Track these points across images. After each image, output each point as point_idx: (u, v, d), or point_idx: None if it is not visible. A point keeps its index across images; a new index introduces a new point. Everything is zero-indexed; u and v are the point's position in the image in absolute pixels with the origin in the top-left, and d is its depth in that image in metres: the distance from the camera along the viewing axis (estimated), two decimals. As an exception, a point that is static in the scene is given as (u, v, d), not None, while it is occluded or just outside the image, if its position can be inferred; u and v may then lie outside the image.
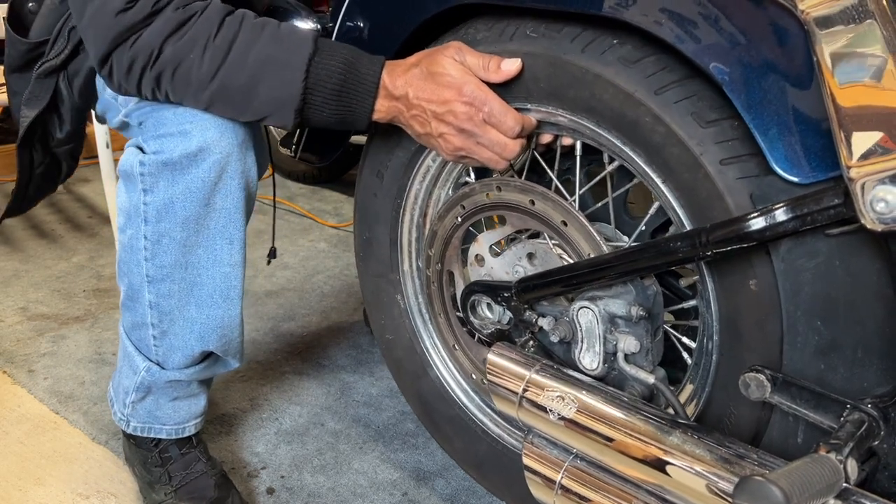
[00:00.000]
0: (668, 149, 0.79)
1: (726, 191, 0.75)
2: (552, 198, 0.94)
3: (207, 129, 0.98)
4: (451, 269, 1.14)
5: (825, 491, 0.62)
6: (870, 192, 0.60)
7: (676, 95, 0.78)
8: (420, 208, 1.16)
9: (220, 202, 1.04)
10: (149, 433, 1.24)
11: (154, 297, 1.10)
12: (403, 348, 1.25)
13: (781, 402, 0.75)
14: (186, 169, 1.00)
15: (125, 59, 0.94)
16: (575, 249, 0.95)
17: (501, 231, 1.05)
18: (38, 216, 2.68)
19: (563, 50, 0.86)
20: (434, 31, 1.03)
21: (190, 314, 1.11)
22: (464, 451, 1.22)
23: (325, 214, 2.71)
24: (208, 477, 1.23)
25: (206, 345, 1.14)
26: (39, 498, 1.29)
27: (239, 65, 0.93)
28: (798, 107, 0.68)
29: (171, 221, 1.04)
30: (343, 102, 0.95)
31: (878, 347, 0.70)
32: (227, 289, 1.10)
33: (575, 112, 0.88)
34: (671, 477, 0.77)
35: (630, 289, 0.89)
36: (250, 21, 0.95)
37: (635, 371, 0.91)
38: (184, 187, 1.01)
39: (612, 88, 0.82)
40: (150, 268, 1.08)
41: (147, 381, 1.18)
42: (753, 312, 0.77)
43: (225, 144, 1.00)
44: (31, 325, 1.89)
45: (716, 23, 0.72)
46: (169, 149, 0.99)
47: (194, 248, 1.06)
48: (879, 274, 0.68)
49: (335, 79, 0.93)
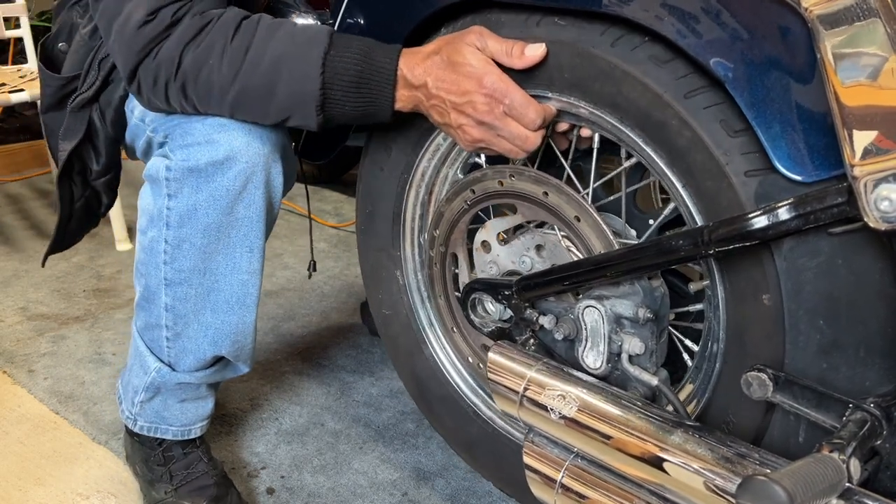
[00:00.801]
0: (692, 154, 0.78)
1: (748, 203, 0.74)
2: (566, 191, 0.93)
3: (235, 139, 0.99)
4: (455, 252, 1.14)
5: (828, 490, 0.62)
6: (873, 190, 0.60)
7: (706, 101, 0.76)
8: (426, 186, 1.15)
9: (244, 211, 1.04)
10: (155, 433, 1.24)
11: (171, 300, 1.10)
12: (400, 324, 1.25)
13: (783, 402, 0.75)
14: (212, 177, 1.00)
15: (150, 72, 0.96)
16: (585, 245, 0.94)
17: (511, 220, 1.04)
18: (38, 216, 2.68)
19: (592, 42, 0.84)
20: (436, 26, 1.02)
21: (205, 319, 1.11)
22: (455, 431, 1.23)
23: (325, 214, 2.71)
24: (209, 477, 1.24)
25: (218, 349, 1.14)
26: (39, 498, 1.29)
27: (256, 65, 0.93)
28: (801, 105, 0.68)
29: (193, 227, 1.04)
30: (363, 94, 0.94)
31: (881, 347, 0.70)
32: (244, 296, 1.11)
33: (598, 105, 0.86)
34: (672, 476, 0.77)
35: (638, 289, 0.88)
36: (266, 22, 0.95)
37: (639, 372, 0.91)
38: (208, 195, 1.01)
39: (640, 87, 0.81)
40: (169, 271, 1.08)
41: (157, 382, 1.19)
42: (763, 326, 0.76)
43: (251, 154, 1.00)
44: (31, 325, 1.88)
45: (718, 19, 0.72)
46: (195, 157, 0.99)
47: (214, 254, 1.06)
48: (882, 273, 0.68)
49: (352, 71, 0.92)
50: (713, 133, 0.75)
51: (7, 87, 2.28)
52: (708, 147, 0.76)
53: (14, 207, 2.78)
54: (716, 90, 0.76)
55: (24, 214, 2.70)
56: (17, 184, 3.06)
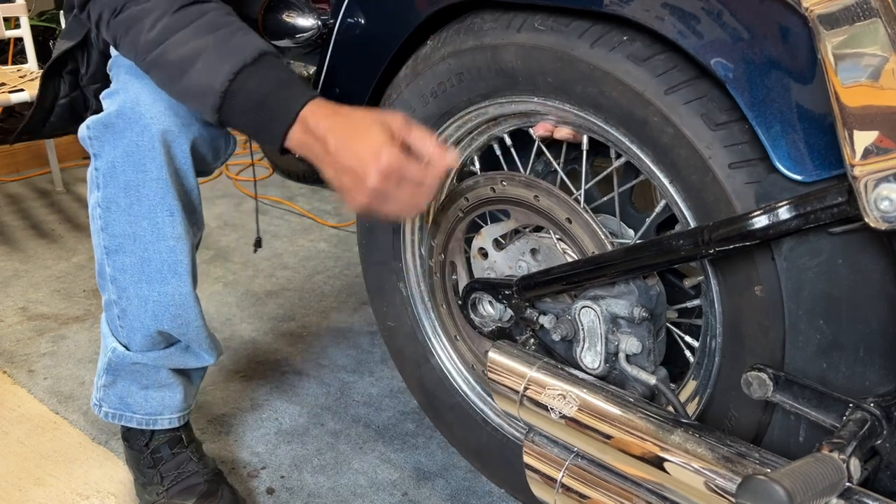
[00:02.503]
0: (676, 150, 0.79)
1: (734, 195, 0.74)
2: (557, 194, 0.94)
3: (140, 87, 1.03)
4: (453, 261, 1.14)
5: (828, 490, 0.62)
6: (874, 190, 0.60)
7: (686, 96, 0.77)
8: None
9: (156, 172, 1.06)
10: (120, 420, 1.25)
11: (112, 271, 1.13)
12: (405, 336, 1.25)
13: (783, 401, 0.75)
14: (122, 132, 1.04)
15: (96, 9, 1.02)
16: (579, 246, 0.94)
17: (505, 225, 1.05)
18: (38, 216, 2.68)
19: (571, 45, 0.85)
20: (437, 26, 1.02)
21: (143, 291, 1.13)
22: (464, 439, 1.23)
23: (325, 214, 2.71)
24: (199, 476, 1.23)
25: (160, 324, 1.15)
26: (39, 498, 1.29)
27: (180, 45, 0.96)
28: (802, 104, 0.68)
29: (116, 186, 1.07)
30: (260, 118, 0.96)
31: (881, 346, 0.70)
32: (175, 263, 1.12)
33: (582, 107, 0.87)
34: (672, 475, 0.77)
35: (633, 289, 0.89)
36: (214, 15, 0.98)
37: (637, 372, 0.91)
38: (122, 150, 1.05)
39: (620, 86, 0.81)
40: (106, 238, 1.11)
41: (114, 363, 1.20)
42: (757, 317, 0.77)
43: (157, 112, 1.03)
44: (31, 325, 1.88)
45: (719, 19, 0.72)
46: (108, 106, 1.05)
47: (140, 219, 1.08)
48: (882, 272, 0.68)
49: (258, 93, 0.95)
50: (695, 128, 0.76)
51: (7, 87, 2.29)
52: (691, 142, 0.77)
53: (14, 207, 2.78)
54: (696, 85, 0.77)
55: (24, 214, 2.70)
56: (17, 184, 3.06)
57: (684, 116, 0.77)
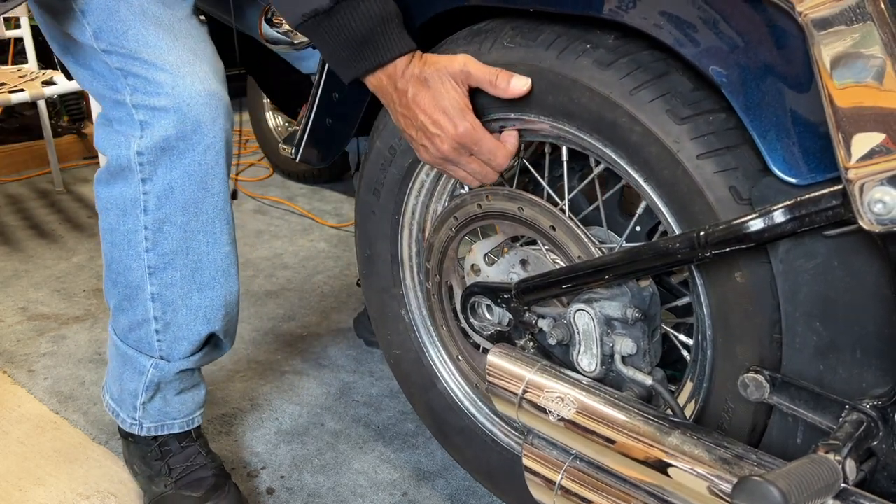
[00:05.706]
0: (646, 147, 0.80)
1: (705, 185, 0.76)
2: (539, 203, 0.95)
3: (198, 107, 0.99)
4: (449, 281, 1.15)
5: (824, 491, 0.62)
6: (868, 193, 0.60)
7: (650, 94, 0.79)
8: (418, 223, 1.17)
9: (218, 186, 1.05)
10: (162, 431, 1.25)
11: (156, 289, 1.11)
12: (410, 362, 1.26)
13: (780, 403, 0.75)
14: (183, 153, 1.01)
15: None
16: (565, 253, 0.95)
17: (494, 240, 1.06)
18: (38, 216, 2.68)
19: (539, 58, 0.88)
20: (437, 31, 1.02)
21: (193, 301, 1.12)
22: (475, 461, 1.23)
23: (325, 214, 2.71)
24: (207, 469, 1.24)
25: (212, 326, 1.15)
26: (39, 498, 1.29)
27: None
28: (796, 108, 0.68)
29: (172, 207, 1.05)
30: (350, 49, 0.90)
31: (877, 348, 0.70)
32: (228, 266, 1.12)
33: (556, 118, 0.89)
34: (670, 477, 0.77)
35: (626, 291, 0.89)
36: None
37: (633, 373, 0.91)
38: (182, 171, 1.02)
39: (588, 92, 0.84)
40: (152, 258, 1.08)
41: (156, 378, 1.19)
42: (742, 305, 0.77)
43: (217, 129, 1.01)
44: (31, 325, 1.89)
45: (714, 26, 0.72)
46: (164, 127, 0.99)
47: (196, 233, 1.07)
48: (878, 275, 0.68)
49: (362, 27, 0.88)
50: (661, 123, 0.78)
51: (7, 87, 2.29)
52: (659, 138, 0.79)
53: (14, 207, 2.78)
54: (658, 83, 0.79)
55: (24, 214, 2.71)
56: (17, 184, 3.06)
57: (650, 114, 0.79)
